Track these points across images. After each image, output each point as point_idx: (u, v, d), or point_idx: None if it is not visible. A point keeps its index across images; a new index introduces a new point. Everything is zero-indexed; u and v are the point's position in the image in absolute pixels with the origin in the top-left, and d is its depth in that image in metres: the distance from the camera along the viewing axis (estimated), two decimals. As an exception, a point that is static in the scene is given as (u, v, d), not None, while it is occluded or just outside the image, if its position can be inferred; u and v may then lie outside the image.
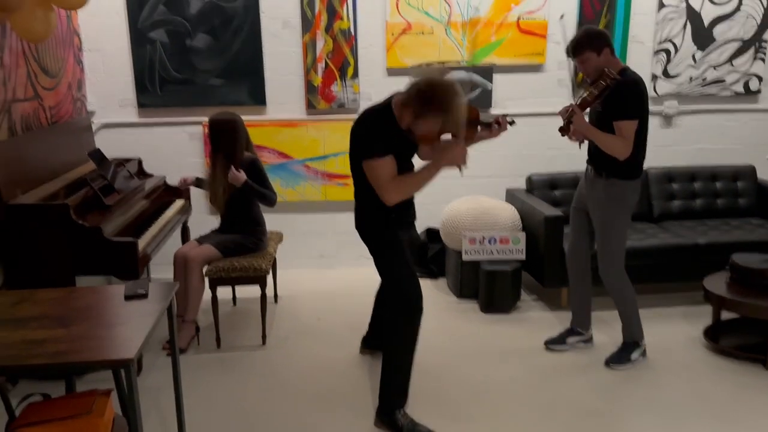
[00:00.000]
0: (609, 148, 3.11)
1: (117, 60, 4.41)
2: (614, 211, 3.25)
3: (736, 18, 4.69)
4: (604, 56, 3.11)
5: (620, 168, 3.17)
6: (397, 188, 2.68)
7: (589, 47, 3.09)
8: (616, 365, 3.37)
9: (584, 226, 3.46)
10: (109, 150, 4.30)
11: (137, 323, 2.09)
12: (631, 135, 3.08)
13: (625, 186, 3.21)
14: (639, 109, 3.11)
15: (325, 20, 4.44)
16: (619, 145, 3.09)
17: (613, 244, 3.28)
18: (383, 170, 2.65)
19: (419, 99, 2.54)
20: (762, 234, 4.19)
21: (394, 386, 2.88)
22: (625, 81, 3.09)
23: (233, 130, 3.64)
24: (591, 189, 3.33)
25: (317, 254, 4.88)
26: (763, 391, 3.14)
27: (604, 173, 3.23)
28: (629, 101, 3.08)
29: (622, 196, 3.23)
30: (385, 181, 2.66)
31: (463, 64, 4.59)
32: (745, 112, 4.93)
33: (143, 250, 3.35)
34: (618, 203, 3.24)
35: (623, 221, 3.28)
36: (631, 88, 3.09)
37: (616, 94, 3.08)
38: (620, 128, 3.09)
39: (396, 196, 2.69)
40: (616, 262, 3.31)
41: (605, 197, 3.24)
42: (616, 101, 3.09)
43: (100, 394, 2.07)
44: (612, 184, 3.21)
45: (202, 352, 3.61)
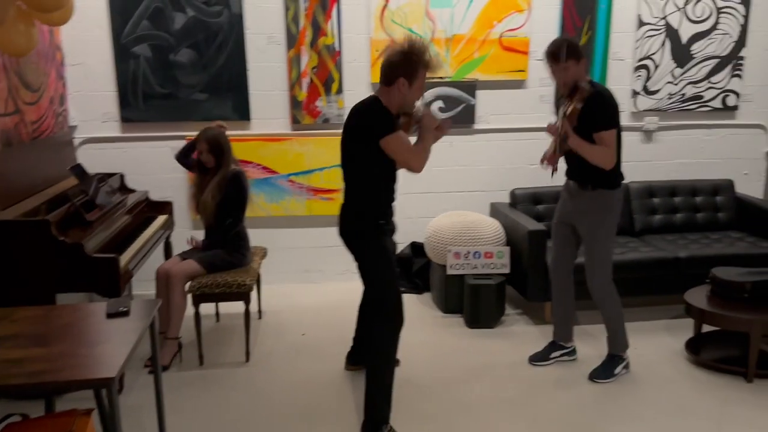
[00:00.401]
0: (597, 160, 3.16)
1: (100, 74, 4.39)
2: (602, 220, 3.29)
3: (713, 36, 4.79)
4: (581, 66, 3.17)
5: (605, 178, 3.23)
6: (418, 154, 2.85)
7: (572, 55, 3.13)
8: (600, 380, 3.38)
9: (568, 240, 3.48)
10: (92, 165, 4.26)
11: (119, 341, 2.07)
12: (613, 144, 3.15)
13: (611, 195, 3.28)
14: (616, 119, 3.18)
15: (310, 36, 4.46)
16: (605, 155, 3.15)
17: (602, 254, 3.32)
18: (405, 142, 2.81)
19: (405, 63, 2.72)
20: (741, 247, 4.25)
21: (380, 400, 2.87)
22: (598, 93, 3.16)
23: (228, 142, 3.70)
24: (577, 202, 3.36)
25: (302, 269, 4.86)
26: (745, 404, 3.17)
27: (590, 185, 3.28)
28: (606, 111, 3.15)
29: (610, 205, 3.29)
30: (409, 150, 2.81)
31: (447, 80, 4.63)
32: (724, 128, 5.01)
33: (125, 266, 3.31)
34: (607, 212, 3.29)
35: (611, 230, 3.32)
36: (605, 98, 3.16)
37: (591, 106, 3.13)
38: (602, 139, 3.14)
39: (422, 161, 2.85)
40: (604, 272, 3.34)
41: (594, 208, 3.29)
42: (593, 113, 3.14)
43: (81, 414, 2.04)
44: (599, 195, 3.27)
45: (184, 370, 3.57)
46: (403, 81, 2.75)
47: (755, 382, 3.37)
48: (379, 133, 2.74)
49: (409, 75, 2.74)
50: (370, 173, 2.84)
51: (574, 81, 3.16)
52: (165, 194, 4.49)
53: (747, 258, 4.10)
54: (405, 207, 4.79)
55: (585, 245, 3.38)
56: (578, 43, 3.23)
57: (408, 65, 2.73)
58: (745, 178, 5.09)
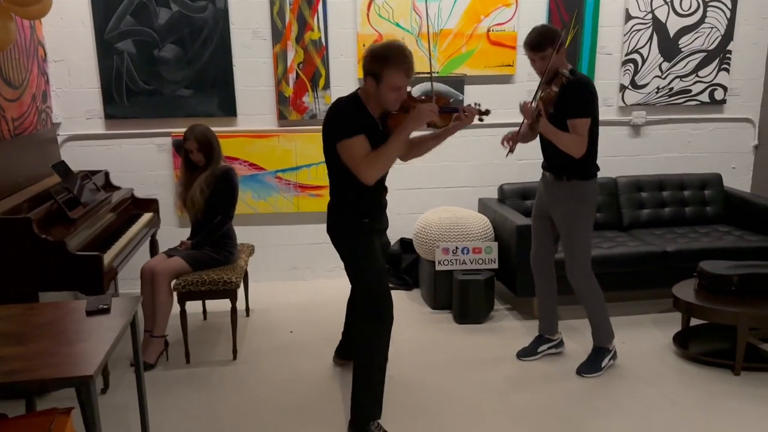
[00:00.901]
0: (567, 147, 3.15)
1: (83, 71, 4.34)
2: (578, 210, 3.28)
3: (700, 29, 4.79)
4: (560, 54, 3.15)
5: (580, 169, 3.24)
6: (371, 163, 2.66)
7: (551, 45, 3.11)
8: (587, 374, 3.38)
9: (547, 233, 3.48)
10: (76, 162, 4.23)
11: (98, 339, 2.03)
12: (585, 132, 3.14)
13: (586, 185, 3.28)
14: (592, 108, 3.17)
15: (296, 31, 4.42)
16: (576, 143, 3.14)
17: (580, 246, 3.31)
18: (357, 148, 2.65)
19: (373, 60, 2.62)
20: (729, 241, 4.25)
21: (367, 397, 2.84)
22: (577, 80, 3.15)
23: (216, 139, 3.69)
24: (552, 194, 3.36)
25: (290, 266, 4.84)
26: (732, 397, 3.17)
27: (564, 176, 3.28)
28: (582, 99, 3.14)
29: (585, 196, 3.28)
30: (360, 159, 2.65)
31: (435, 75, 4.61)
32: (711, 122, 5.02)
33: (109, 264, 3.27)
34: (582, 203, 3.28)
35: (587, 221, 3.32)
36: (583, 87, 3.15)
37: (569, 93, 3.13)
38: (575, 126, 3.13)
39: (372, 172, 2.67)
40: (583, 263, 3.33)
41: (569, 199, 3.29)
42: (569, 100, 3.14)
43: (60, 413, 2.00)
44: (574, 186, 3.27)
45: (170, 368, 3.54)
46: (371, 81, 2.66)
47: (742, 375, 3.37)
48: (338, 136, 2.67)
49: (375, 74, 2.63)
50: (347, 173, 2.77)
51: (554, 68, 3.15)
52: (150, 192, 4.46)
53: (734, 251, 4.11)
54: (393, 202, 4.73)
55: (562, 238, 3.37)
56: (556, 31, 3.15)
57: (370, 64, 2.63)
58: (732, 172, 5.11)
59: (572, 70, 3.22)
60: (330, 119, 2.75)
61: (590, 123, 3.16)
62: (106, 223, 3.66)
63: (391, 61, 2.60)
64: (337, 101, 2.80)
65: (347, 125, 2.67)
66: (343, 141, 2.65)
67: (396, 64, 2.60)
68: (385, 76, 2.62)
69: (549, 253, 3.53)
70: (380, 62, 2.61)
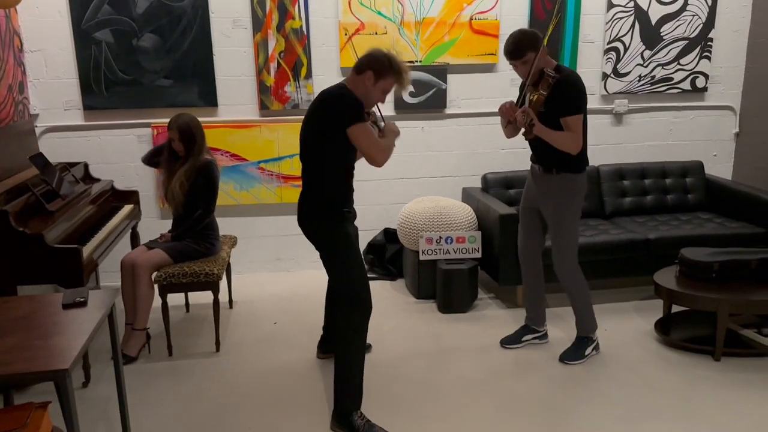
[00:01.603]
0: (563, 146, 3.15)
1: (60, 61, 4.27)
2: (568, 203, 3.29)
3: (682, 17, 4.80)
4: (542, 55, 3.12)
5: (570, 162, 3.23)
6: (385, 149, 2.84)
7: (531, 48, 3.10)
8: (570, 361, 3.40)
9: (535, 224, 3.49)
10: (55, 154, 4.18)
11: (75, 332, 2.01)
12: (579, 129, 3.15)
13: (576, 179, 3.28)
14: (581, 103, 3.17)
15: (277, 19, 4.38)
16: (571, 140, 3.14)
17: (567, 238, 3.32)
18: (371, 132, 2.80)
19: (380, 61, 2.78)
20: (711, 228, 4.28)
21: (350, 387, 2.84)
22: (565, 78, 3.13)
23: (201, 129, 3.63)
24: (542, 186, 3.36)
25: (274, 258, 4.81)
26: (712, 383, 3.21)
27: (554, 169, 3.28)
28: (572, 97, 3.14)
29: (574, 189, 3.29)
30: (375, 141, 2.79)
31: (417, 63, 4.59)
32: (693, 110, 5.04)
33: (89, 256, 3.24)
34: (572, 196, 3.29)
35: (576, 213, 3.33)
36: (571, 83, 3.14)
37: (558, 91, 3.11)
38: (568, 124, 3.13)
39: (385, 156, 2.83)
40: (570, 255, 3.35)
41: (559, 191, 3.29)
42: (559, 99, 3.12)
43: (37, 407, 1.98)
44: (564, 178, 3.27)
45: (152, 361, 3.51)
46: (371, 75, 2.77)
47: (723, 361, 3.40)
48: (350, 121, 2.71)
49: (379, 72, 2.77)
50: (334, 160, 2.80)
51: (538, 70, 3.13)
52: (131, 183, 4.42)
53: (716, 238, 4.14)
54: (377, 193, 4.77)
55: (550, 229, 3.38)
56: (534, 33, 3.15)
57: (382, 64, 2.78)
58: (714, 159, 5.14)
59: (558, 67, 3.19)
60: (332, 104, 2.76)
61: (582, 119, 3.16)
62: (85, 216, 3.62)
63: (399, 71, 2.81)
64: (331, 89, 2.81)
65: (357, 109, 2.75)
66: (358, 124, 2.72)
67: (401, 74, 2.81)
68: (386, 78, 2.80)
69: (537, 245, 3.53)
70: (390, 66, 2.79)
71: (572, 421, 2.90)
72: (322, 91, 2.83)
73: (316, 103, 2.81)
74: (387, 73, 2.79)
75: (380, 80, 2.79)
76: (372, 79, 2.78)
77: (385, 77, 2.79)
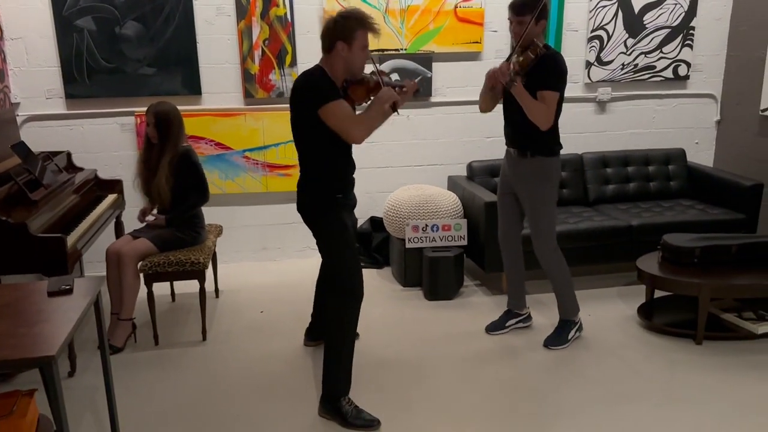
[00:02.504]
0: (535, 115, 3.16)
1: (42, 49, 4.22)
2: (542, 187, 3.33)
3: (664, 6, 4.84)
4: (539, 27, 3.18)
5: (543, 145, 3.28)
6: (359, 122, 2.71)
7: (531, 13, 3.12)
8: (554, 346, 3.44)
9: (514, 210, 3.52)
10: (37, 143, 4.14)
11: (60, 320, 2.00)
12: (553, 105, 3.17)
13: (549, 162, 3.31)
14: (561, 82, 3.21)
15: (261, 6, 4.35)
16: (544, 112, 3.16)
17: (545, 221, 3.36)
18: (343, 109, 2.70)
19: (341, 26, 2.69)
20: (692, 214, 4.34)
21: (339, 374, 2.85)
22: (551, 55, 3.19)
23: (179, 121, 3.57)
24: (516, 170, 3.40)
25: (260, 247, 4.81)
26: (694, 366, 3.26)
27: (528, 152, 3.31)
28: (554, 73, 3.18)
29: (548, 173, 3.32)
30: (348, 118, 2.70)
31: (403, 51, 4.58)
32: (675, 98, 5.09)
33: (73, 246, 3.22)
34: (545, 179, 3.32)
35: (551, 196, 3.36)
36: (556, 62, 3.19)
37: (542, 66, 3.16)
38: (544, 97, 3.15)
39: (363, 131, 2.72)
40: (549, 237, 3.38)
41: (532, 175, 3.33)
42: (540, 73, 3.16)
43: (23, 395, 1.98)
44: (537, 162, 3.30)
45: (139, 350, 3.51)
46: (342, 45, 2.71)
47: (704, 344, 3.46)
48: (318, 102, 2.67)
49: (346, 37, 2.70)
50: (321, 145, 2.78)
51: (530, 38, 3.16)
52: (114, 172, 4.38)
53: (697, 224, 4.20)
54: (363, 182, 4.75)
55: (527, 214, 3.42)
56: (543, 4, 3.16)
57: (343, 27, 2.70)
58: (696, 147, 5.20)
59: (547, 45, 3.24)
60: (304, 89, 2.73)
61: (558, 98, 3.19)
62: (69, 205, 3.59)
63: (363, 22, 2.72)
64: (304, 73, 2.79)
65: (327, 90, 2.70)
66: (327, 104, 2.66)
67: (367, 24, 2.72)
68: (357, 37, 2.71)
69: (516, 230, 3.57)
70: (352, 24, 2.70)
71: (556, 405, 2.94)
72: (298, 76, 2.83)
73: (293, 88, 2.80)
74: (354, 31, 2.70)
75: (353, 42, 2.71)
76: (345, 48, 2.71)
77: (355, 37, 2.71)
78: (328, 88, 2.70)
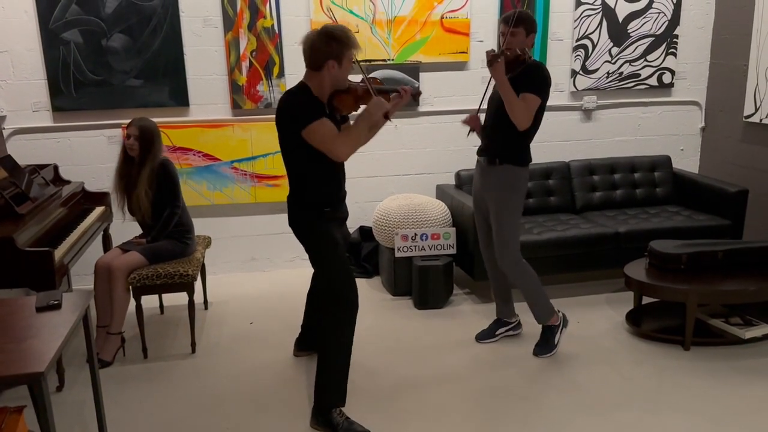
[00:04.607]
0: (515, 110, 3.13)
1: (28, 62, 4.20)
2: (507, 196, 3.30)
3: (648, 14, 4.90)
4: (529, 41, 3.23)
5: (512, 154, 3.27)
6: (345, 141, 2.71)
7: (525, 24, 3.18)
8: (543, 354, 3.45)
9: (486, 220, 3.49)
10: (23, 156, 4.12)
11: (49, 335, 1.99)
12: (533, 107, 3.16)
13: (517, 172, 3.29)
14: (544, 91, 3.21)
15: (248, 18, 4.36)
16: (524, 110, 3.14)
17: (508, 231, 3.32)
18: (325, 128, 2.69)
19: (330, 46, 2.70)
20: (678, 221, 4.38)
21: (330, 385, 2.85)
22: (538, 64, 3.24)
23: (160, 139, 3.60)
24: (484, 179, 3.39)
25: (249, 258, 4.80)
26: (682, 371, 3.29)
27: (497, 160, 3.30)
28: (538, 80, 3.19)
29: (514, 183, 3.30)
30: (331, 137, 2.69)
31: (390, 62, 4.61)
32: (660, 105, 5.15)
33: (60, 260, 3.20)
34: (511, 189, 3.30)
35: (516, 207, 3.33)
36: (541, 72, 3.21)
37: (529, 71, 3.19)
38: (526, 98, 3.15)
39: (346, 148, 2.71)
40: (511, 248, 3.34)
41: (498, 184, 3.31)
42: (526, 77, 3.18)
43: (12, 412, 1.96)
44: (504, 170, 3.29)
45: (127, 364, 3.48)
46: (333, 63, 2.72)
47: (692, 350, 3.49)
48: (301, 123, 2.68)
49: (337, 56, 2.72)
50: (308, 164, 2.78)
51: (519, 48, 3.19)
52: (102, 185, 4.36)
53: (683, 231, 4.24)
54: (352, 191, 4.72)
55: (492, 223, 3.37)
56: (534, 21, 3.26)
57: (336, 46, 2.71)
58: (681, 153, 5.26)
59: (532, 58, 3.29)
60: (287, 109, 2.74)
61: (538, 107, 3.19)
62: (56, 218, 3.57)
63: (350, 41, 2.75)
64: (287, 93, 2.81)
65: (310, 110, 2.70)
66: (310, 125, 2.67)
67: (354, 44, 2.76)
68: (346, 55, 2.75)
69: (492, 250, 3.51)
70: (341, 44, 2.72)
71: (545, 412, 2.95)
72: (283, 94, 2.83)
73: (278, 107, 2.80)
74: (344, 50, 2.73)
75: (343, 60, 2.74)
76: (336, 66, 2.73)
77: (344, 55, 2.74)
78: (310, 108, 2.70)
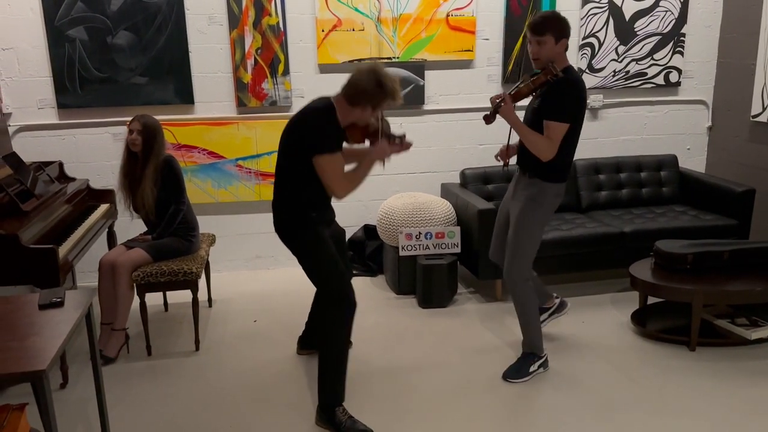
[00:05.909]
0: (533, 146, 2.98)
1: (33, 59, 4.21)
2: (530, 210, 3.10)
3: (655, 13, 4.87)
4: (560, 47, 2.96)
5: (542, 169, 3.05)
6: (347, 185, 2.80)
7: (552, 31, 2.92)
8: (513, 379, 3.19)
9: (504, 228, 3.36)
10: (29, 154, 4.13)
11: (52, 333, 1.99)
12: (558, 137, 2.94)
13: (545, 188, 3.08)
14: (573, 113, 2.97)
15: (253, 16, 4.36)
16: (543, 145, 2.96)
17: (524, 245, 3.12)
18: (337, 165, 2.76)
19: (374, 93, 2.71)
20: (685, 220, 4.36)
21: (333, 383, 2.85)
22: (567, 80, 2.94)
23: (162, 136, 3.61)
24: (516, 187, 3.24)
25: (253, 255, 4.80)
26: (688, 372, 3.27)
27: (528, 172, 3.12)
28: (565, 103, 2.94)
29: (540, 198, 3.09)
30: (338, 176, 2.76)
31: (395, 60, 4.59)
32: (666, 104, 5.12)
33: (65, 257, 3.20)
34: (535, 204, 3.09)
35: (536, 222, 3.12)
36: (571, 89, 2.94)
37: (554, 92, 2.94)
38: (549, 128, 2.94)
39: (346, 191, 2.80)
40: (521, 263, 3.14)
41: (524, 196, 3.13)
42: (552, 100, 2.95)
43: (13, 409, 1.96)
44: (532, 184, 3.10)
45: (131, 361, 3.49)
46: (369, 108, 2.76)
47: (698, 351, 3.47)
48: (316, 150, 2.70)
49: (377, 104, 2.76)
50: (302, 177, 2.79)
51: (547, 59, 2.95)
52: (107, 182, 4.37)
53: (690, 231, 4.21)
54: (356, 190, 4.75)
55: (510, 232, 3.18)
56: (564, 21, 2.96)
57: (380, 96, 2.73)
58: (687, 153, 5.23)
59: (568, 68, 2.99)
60: (309, 128, 2.74)
61: (568, 129, 2.95)
62: (61, 215, 3.58)
63: (395, 93, 2.75)
64: (314, 110, 2.79)
65: (330, 140, 2.74)
66: (325, 155, 2.71)
67: (396, 95, 2.76)
68: (383, 105, 2.78)
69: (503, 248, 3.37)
70: (386, 95, 2.73)
71: (550, 413, 2.93)
72: (307, 107, 2.82)
73: (297, 118, 2.80)
74: (383, 100, 2.75)
75: (377, 108, 2.78)
76: (369, 111, 2.77)
77: (382, 105, 2.77)
78: (331, 139, 2.74)
